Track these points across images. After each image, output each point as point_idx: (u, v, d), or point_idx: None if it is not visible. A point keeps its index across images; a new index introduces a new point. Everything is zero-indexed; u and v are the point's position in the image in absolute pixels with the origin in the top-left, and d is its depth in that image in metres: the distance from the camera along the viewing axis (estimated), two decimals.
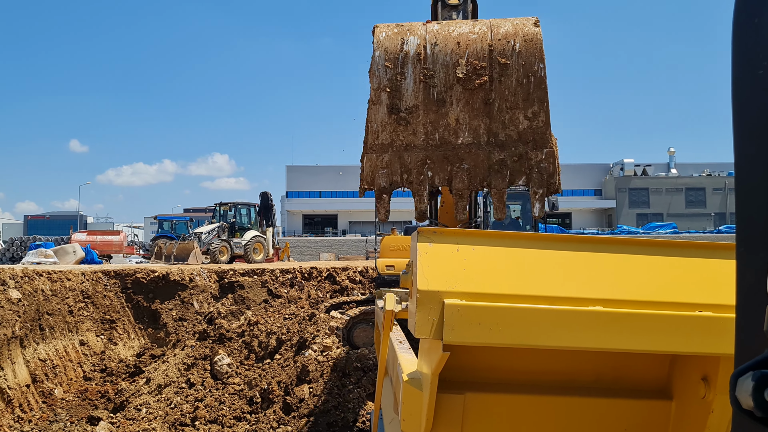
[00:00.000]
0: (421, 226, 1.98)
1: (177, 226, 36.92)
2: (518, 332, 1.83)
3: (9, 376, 10.49)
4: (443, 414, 2.23)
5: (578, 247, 2.03)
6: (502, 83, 4.41)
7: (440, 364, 1.94)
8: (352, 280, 16.34)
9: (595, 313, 1.83)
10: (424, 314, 1.85)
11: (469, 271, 1.92)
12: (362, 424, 8.15)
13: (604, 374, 2.29)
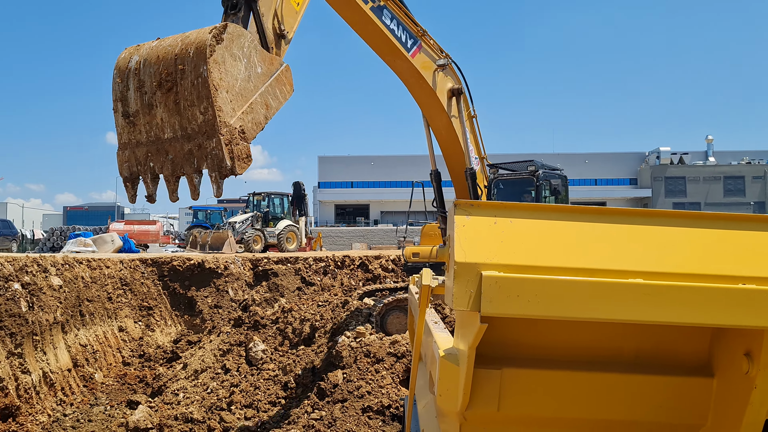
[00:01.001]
0: (457, 203, 1.97)
1: (211, 215, 37.39)
2: (557, 304, 1.81)
3: (51, 361, 10.76)
4: (480, 389, 2.22)
5: (618, 219, 2.00)
6: (182, 86, 5.35)
7: (478, 337, 1.93)
8: (384, 269, 16.37)
9: (635, 286, 1.81)
10: (461, 286, 1.84)
11: (506, 244, 1.91)
12: (396, 409, 8.18)
13: (645, 350, 2.26)
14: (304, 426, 7.93)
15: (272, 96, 6.29)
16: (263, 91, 6.19)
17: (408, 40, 9.48)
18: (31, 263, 11.24)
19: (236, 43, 5.81)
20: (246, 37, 5.93)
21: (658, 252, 1.93)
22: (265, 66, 6.32)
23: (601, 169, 76.92)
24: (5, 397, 9.12)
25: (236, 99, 5.76)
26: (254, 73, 6.11)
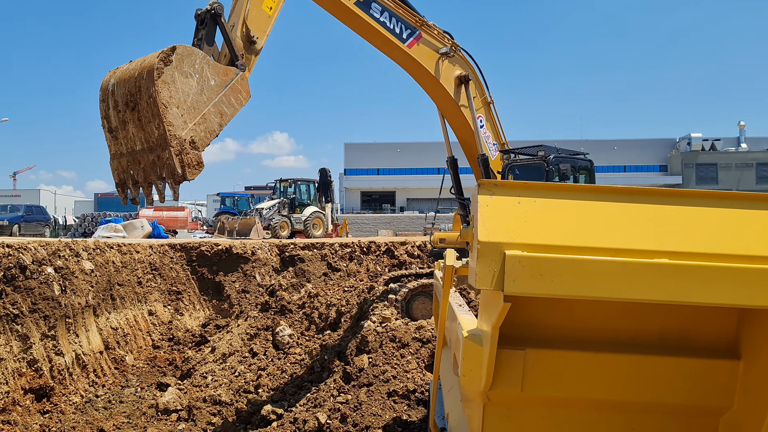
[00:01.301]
0: (483, 181, 1.97)
1: (239, 202, 37.73)
2: (581, 284, 1.81)
3: (84, 343, 11.00)
4: (503, 370, 2.23)
5: (643, 199, 1.99)
6: (141, 105, 6.18)
7: (501, 317, 1.94)
8: (410, 255, 16.38)
9: (660, 265, 1.80)
10: (485, 265, 1.85)
11: (530, 223, 1.91)
12: (421, 394, 8.21)
13: (670, 332, 2.25)
14: (330, 409, 8.01)
15: (227, 104, 6.98)
16: (217, 101, 6.87)
17: (404, 31, 9.54)
18: (64, 248, 11.47)
19: (186, 62, 6.53)
20: (196, 54, 6.62)
21: (684, 232, 1.92)
22: (219, 78, 6.96)
23: (631, 155, 75.86)
24: (40, 377, 9.36)
25: (188, 112, 6.52)
26: (207, 86, 6.81)
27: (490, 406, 2.34)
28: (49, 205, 73.94)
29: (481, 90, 10.41)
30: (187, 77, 6.60)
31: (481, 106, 10.37)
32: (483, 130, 10.47)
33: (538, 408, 2.34)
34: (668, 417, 2.31)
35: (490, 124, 10.57)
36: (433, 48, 9.80)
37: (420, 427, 7.60)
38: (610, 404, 2.29)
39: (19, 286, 9.65)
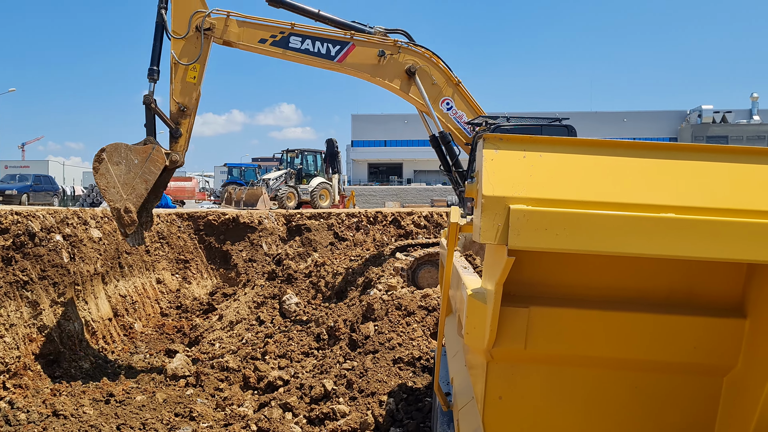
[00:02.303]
0: (486, 134, 1.95)
1: (246, 172, 37.74)
2: (586, 238, 1.79)
3: (93, 310, 11.10)
4: (507, 327, 2.23)
5: (650, 153, 1.96)
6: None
7: (505, 272, 1.93)
8: (417, 225, 16.38)
9: (666, 219, 1.78)
10: (489, 219, 1.84)
11: (535, 177, 1.89)
12: (426, 361, 8.27)
13: (677, 291, 2.24)
14: (336, 375, 8.08)
15: (148, 173, 9.55)
16: (141, 173, 9.54)
17: (332, 50, 10.54)
18: (72, 215, 11.52)
19: (114, 155, 9.45)
20: (121, 147, 9.50)
21: (691, 186, 1.89)
22: (141, 156, 9.58)
23: (640, 128, 75.24)
24: (50, 343, 9.47)
25: (123, 188, 9.44)
26: (132, 165, 9.54)
27: (494, 363, 2.34)
28: (57, 176, 74.15)
29: (444, 74, 10.93)
30: (117, 165, 9.47)
31: (447, 88, 10.96)
32: (453, 111, 10.98)
33: (542, 365, 2.34)
34: (672, 375, 2.31)
35: (463, 103, 11.05)
36: (371, 53, 10.59)
37: (425, 394, 7.67)
38: (614, 362, 2.30)
39: (28, 253, 9.71)
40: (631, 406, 2.36)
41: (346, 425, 7.17)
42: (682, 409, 2.33)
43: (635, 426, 2.38)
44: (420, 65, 10.75)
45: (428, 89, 10.83)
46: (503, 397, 2.36)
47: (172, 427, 7.38)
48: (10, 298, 9.01)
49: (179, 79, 10.19)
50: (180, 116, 10.28)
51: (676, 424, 2.36)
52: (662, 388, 2.32)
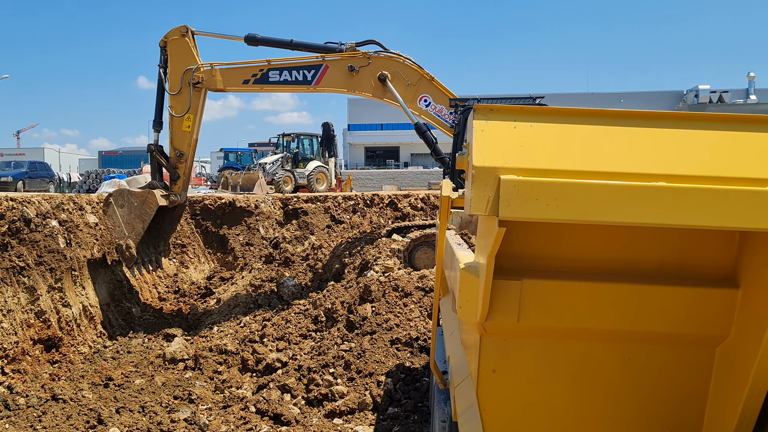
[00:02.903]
0: (478, 104, 1.93)
1: (242, 157, 37.63)
2: (577, 208, 1.79)
3: (90, 295, 11.10)
4: (500, 300, 2.23)
5: (641, 123, 1.95)
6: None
7: (497, 243, 1.92)
8: (413, 207, 16.38)
9: (658, 189, 1.77)
10: (479, 191, 1.83)
11: (526, 148, 1.88)
12: (423, 341, 8.30)
13: (668, 262, 2.24)
14: (334, 356, 8.11)
15: (144, 214, 11.45)
16: (138, 214, 11.43)
17: (308, 74, 11.55)
18: (67, 201, 11.48)
19: (119, 199, 11.42)
20: (124, 192, 11.51)
21: (682, 155, 1.88)
22: (139, 200, 11.44)
23: (637, 108, 74.65)
24: (48, 328, 9.48)
25: (125, 227, 11.41)
26: (132, 208, 11.44)
27: (487, 337, 2.35)
28: (53, 163, 73.88)
29: (417, 73, 11.49)
30: (121, 207, 11.41)
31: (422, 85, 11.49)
32: (432, 107, 11.43)
33: (535, 338, 2.35)
34: (665, 346, 2.32)
35: (442, 96, 11.52)
36: (344, 70, 11.44)
37: (423, 373, 7.71)
38: (606, 334, 2.30)
39: (24, 239, 9.69)
40: (624, 377, 2.37)
41: (345, 405, 7.21)
42: (675, 380, 2.34)
43: (628, 397, 2.39)
44: (391, 70, 11.42)
45: (404, 90, 11.41)
46: (497, 370, 2.37)
47: (172, 410, 7.42)
48: (7, 283, 9.00)
49: (176, 128, 11.84)
50: (177, 161, 11.98)
51: (668, 395, 2.37)
52: (655, 359, 2.33)
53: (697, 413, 2.34)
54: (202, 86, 11.70)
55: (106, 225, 11.44)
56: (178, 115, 11.70)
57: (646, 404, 2.38)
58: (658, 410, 2.37)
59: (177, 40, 11.67)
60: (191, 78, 11.53)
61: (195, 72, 11.55)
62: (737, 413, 2.12)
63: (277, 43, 12.09)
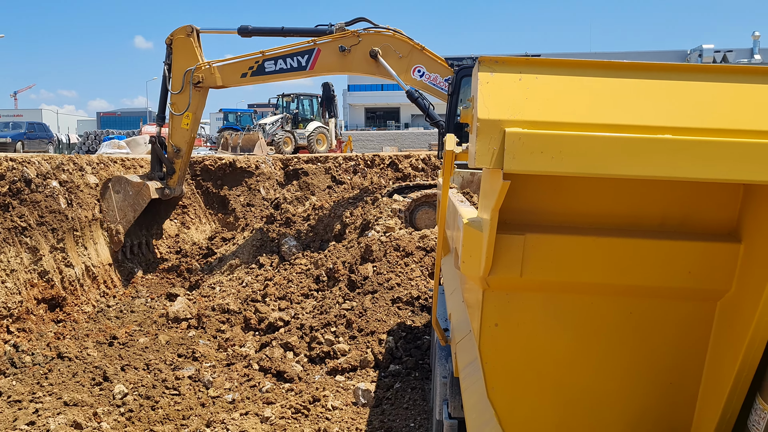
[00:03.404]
0: (483, 54, 1.91)
1: (242, 118, 37.36)
2: (582, 161, 1.78)
3: (92, 255, 11.16)
4: (503, 254, 2.23)
5: (646, 75, 1.93)
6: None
7: (501, 197, 1.92)
8: (414, 168, 16.34)
9: (663, 141, 1.76)
10: (484, 143, 1.82)
11: (531, 100, 1.86)
12: (425, 300, 8.37)
13: (671, 217, 2.24)
14: (336, 315, 8.19)
15: (137, 204, 12.11)
16: (131, 203, 12.04)
17: (302, 59, 11.78)
18: (67, 161, 11.46)
19: (116, 185, 12.04)
20: (122, 179, 12.09)
21: (688, 107, 1.87)
22: (134, 190, 12.08)
23: None
24: (51, 288, 9.55)
25: (118, 212, 11.95)
26: (127, 196, 12.05)
27: (489, 291, 2.36)
28: (51, 124, 73.36)
29: (407, 45, 11.60)
30: (117, 193, 12.00)
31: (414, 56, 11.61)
32: (426, 76, 11.54)
33: (538, 293, 2.36)
34: (667, 301, 2.33)
35: (435, 64, 11.62)
36: (335, 51, 11.60)
37: (424, 332, 7.79)
38: (609, 288, 2.31)
39: (25, 200, 9.70)
40: (625, 331, 2.39)
41: (347, 363, 7.30)
42: (676, 334, 2.37)
43: (629, 351, 2.42)
44: (382, 45, 11.52)
45: (396, 64, 11.55)
46: (499, 324, 2.39)
47: (176, 367, 7.52)
48: (9, 244, 9.04)
49: (175, 125, 12.52)
50: (175, 156, 12.70)
51: (669, 348, 2.40)
52: (656, 313, 2.35)
53: (697, 366, 2.37)
54: (203, 85, 12.20)
55: (101, 207, 11.90)
56: (178, 113, 12.30)
57: (646, 357, 2.41)
58: (659, 363, 2.40)
59: (182, 39, 12.10)
60: (192, 78, 12.03)
61: (195, 72, 12.01)
62: (736, 366, 2.14)
63: (269, 32, 12.61)
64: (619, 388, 2.45)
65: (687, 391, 2.41)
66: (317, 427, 5.95)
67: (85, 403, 6.40)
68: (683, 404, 2.43)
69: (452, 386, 3.66)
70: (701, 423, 2.40)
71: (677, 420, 2.45)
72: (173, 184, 12.85)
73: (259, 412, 6.30)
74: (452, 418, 3.61)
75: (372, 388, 6.72)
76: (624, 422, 2.48)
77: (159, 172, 12.79)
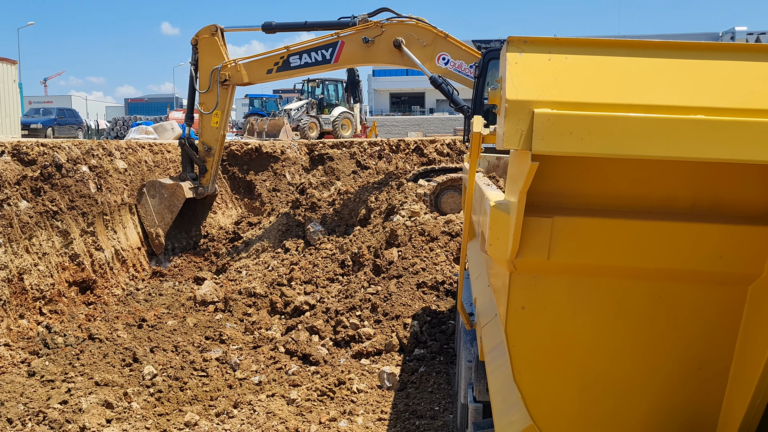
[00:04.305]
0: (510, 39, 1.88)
1: (267, 103, 37.48)
2: (611, 142, 1.76)
3: (122, 239, 11.34)
4: (530, 237, 2.22)
5: (678, 54, 1.89)
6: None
7: (529, 179, 1.91)
8: (440, 153, 16.29)
9: (695, 121, 1.73)
10: (512, 124, 1.80)
11: (561, 81, 1.84)
12: (450, 285, 8.37)
13: (702, 199, 2.20)
14: (361, 299, 8.23)
15: (173, 205, 12.31)
16: (168, 205, 12.25)
17: (326, 53, 11.82)
18: (97, 147, 11.62)
19: (151, 190, 12.23)
20: (156, 183, 12.32)
21: (721, 87, 1.83)
22: (168, 192, 12.30)
23: None
24: (82, 271, 9.73)
25: (156, 216, 12.20)
26: (163, 198, 12.26)
27: (516, 274, 2.35)
28: (80, 110, 74.32)
29: (431, 33, 11.56)
30: (153, 197, 12.20)
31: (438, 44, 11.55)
32: (451, 64, 11.50)
33: (565, 276, 2.34)
34: (696, 285, 2.30)
35: (459, 51, 11.59)
36: (359, 43, 11.60)
37: (449, 316, 7.80)
38: (638, 272, 2.29)
39: (56, 184, 9.86)
40: (653, 316, 2.37)
41: (372, 347, 7.35)
42: (705, 319, 2.34)
43: (657, 336, 2.40)
44: (405, 34, 11.48)
45: (420, 52, 11.52)
46: (525, 307, 2.38)
47: (204, 349, 7.63)
48: (41, 227, 9.21)
49: (205, 124, 12.69)
50: (206, 155, 12.86)
51: (698, 333, 2.37)
52: (686, 297, 2.32)
53: (727, 351, 2.34)
54: (230, 82, 12.29)
55: (140, 213, 12.25)
56: (207, 112, 12.41)
57: (675, 342, 2.38)
58: (687, 348, 2.37)
59: (207, 38, 12.22)
60: (219, 76, 12.15)
61: (221, 70, 12.12)
62: (767, 351, 2.11)
63: (292, 27, 12.76)
64: (646, 372, 2.43)
65: (716, 377, 2.39)
66: (342, 410, 6.01)
67: (116, 383, 6.53)
68: (711, 389, 2.41)
69: (477, 370, 3.66)
70: (730, 409, 2.37)
71: (705, 405, 2.43)
72: (206, 182, 12.96)
73: (285, 394, 6.37)
74: (477, 401, 3.62)
75: (397, 371, 6.76)
76: (651, 407, 2.47)
77: (191, 172, 12.92)
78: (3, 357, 7.10)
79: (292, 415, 5.92)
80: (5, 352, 7.22)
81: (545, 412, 2.48)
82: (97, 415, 5.71)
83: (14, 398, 6.10)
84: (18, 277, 8.27)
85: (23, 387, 6.38)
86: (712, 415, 2.44)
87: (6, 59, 21.61)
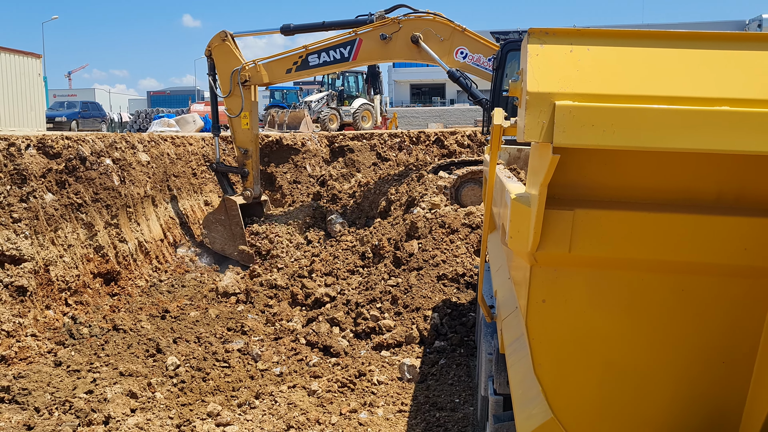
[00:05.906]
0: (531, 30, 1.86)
1: (288, 95, 37.54)
2: (634, 134, 1.74)
3: (145, 231, 11.46)
4: (551, 230, 2.20)
5: (703, 45, 1.86)
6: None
7: (550, 171, 1.89)
8: (460, 144, 16.22)
9: (720, 113, 1.70)
10: (533, 117, 1.79)
11: (582, 72, 1.82)
12: (470, 278, 8.35)
13: (727, 192, 2.17)
14: (381, 291, 8.24)
15: (234, 218, 12.33)
16: (230, 223, 12.35)
17: (344, 51, 11.85)
18: (120, 140, 11.74)
19: (207, 226, 12.65)
20: (208, 219, 12.71)
21: (747, 78, 1.80)
22: (222, 212, 12.51)
23: None
24: (106, 263, 9.86)
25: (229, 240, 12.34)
26: (221, 221, 12.44)
27: (537, 267, 2.34)
28: (104, 103, 75.03)
29: (448, 27, 11.51)
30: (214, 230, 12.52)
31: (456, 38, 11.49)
32: (470, 57, 11.47)
33: (586, 268, 2.33)
34: (721, 278, 2.27)
35: (477, 44, 11.52)
36: (376, 40, 11.60)
37: (469, 309, 7.79)
38: (660, 264, 2.26)
39: (80, 177, 9.98)
40: (676, 309, 2.34)
41: (392, 339, 7.36)
42: (729, 312, 2.31)
43: (680, 329, 2.37)
44: (423, 30, 11.48)
45: (438, 47, 11.51)
46: (546, 300, 2.37)
47: (226, 340, 7.70)
48: (66, 219, 9.34)
49: (236, 128, 12.58)
50: (244, 158, 12.74)
51: (723, 327, 2.34)
52: (710, 291, 2.29)
53: (752, 345, 2.31)
54: (251, 83, 12.32)
55: (215, 248, 12.53)
56: (234, 116, 12.39)
57: (698, 336, 2.36)
58: (711, 342, 2.35)
59: (219, 45, 12.30)
60: (239, 78, 12.15)
61: (241, 72, 12.12)
62: None
63: (310, 27, 12.81)
64: (668, 366, 2.41)
65: (740, 371, 2.36)
66: (363, 401, 6.04)
67: (140, 373, 6.62)
68: (736, 384, 2.38)
69: (498, 363, 3.65)
70: (755, 403, 2.35)
71: (729, 399, 2.40)
72: (251, 185, 12.93)
73: (306, 385, 6.42)
74: (498, 394, 3.61)
75: (417, 363, 6.77)
76: (672, 401, 2.45)
77: (232, 192, 12.95)
78: (30, 347, 7.22)
79: (313, 406, 5.96)
80: (32, 342, 7.35)
81: (566, 405, 2.48)
82: (121, 404, 5.80)
83: (41, 387, 6.22)
84: (44, 269, 8.40)
85: (50, 377, 6.50)
86: (735, 409, 2.41)
87: (30, 53, 21.86)
